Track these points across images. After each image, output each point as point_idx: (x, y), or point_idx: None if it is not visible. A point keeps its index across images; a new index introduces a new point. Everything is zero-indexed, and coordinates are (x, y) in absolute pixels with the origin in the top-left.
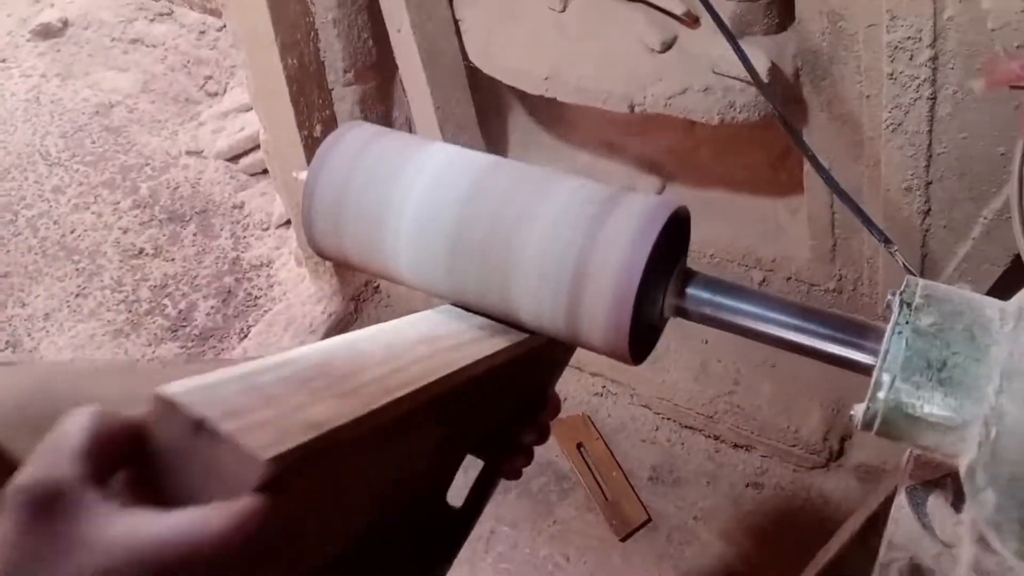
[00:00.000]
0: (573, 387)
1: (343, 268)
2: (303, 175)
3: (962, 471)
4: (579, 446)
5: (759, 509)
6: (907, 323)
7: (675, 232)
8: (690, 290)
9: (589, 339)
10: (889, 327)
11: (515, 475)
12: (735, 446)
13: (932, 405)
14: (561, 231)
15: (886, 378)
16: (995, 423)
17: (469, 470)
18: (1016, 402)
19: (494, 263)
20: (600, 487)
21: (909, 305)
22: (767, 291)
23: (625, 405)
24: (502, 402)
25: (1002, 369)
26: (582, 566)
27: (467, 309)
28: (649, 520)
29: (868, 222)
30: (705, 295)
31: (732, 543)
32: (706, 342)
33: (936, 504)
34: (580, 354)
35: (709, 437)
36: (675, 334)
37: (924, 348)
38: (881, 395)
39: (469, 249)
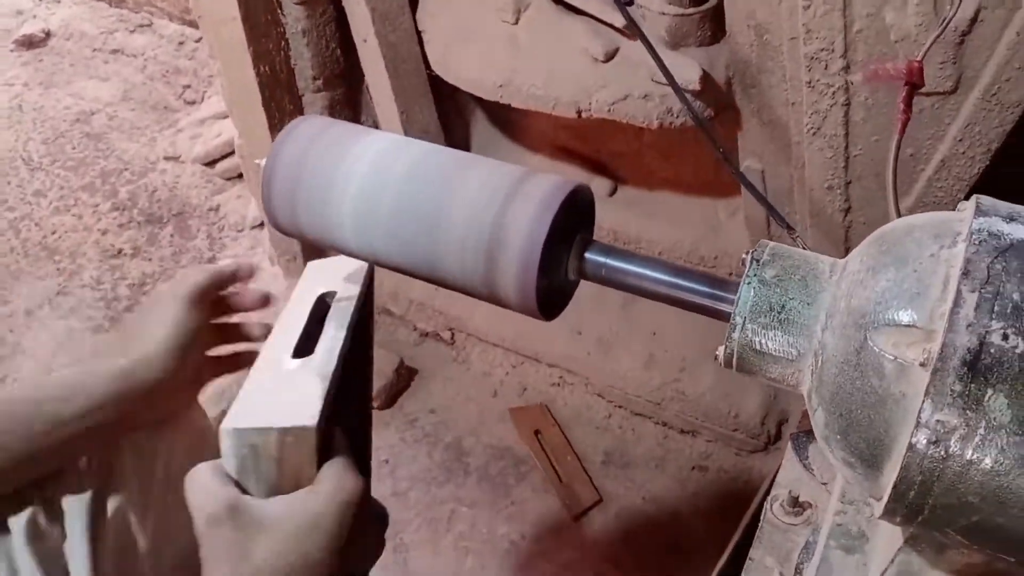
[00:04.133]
0: (532, 378)
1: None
2: (263, 161)
3: (805, 398)
4: (536, 433)
5: (703, 490)
6: (755, 275)
7: (579, 208)
8: (588, 255)
9: (504, 296)
10: (742, 279)
11: None
12: (681, 431)
13: (774, 342)
14: (480, 204)
15: (738, 320)
16: (821, 353)
17: None
18: (835, 335)
19: (426, 232)
20: (555, 470)
21: (758, 261)
22: (650, 255)
23: (580, 394)
24: None
25: (827, 310)
26: (537, 543)
27: (402, 271)
28: (600, 501)
29: (772, 210)
30: (600, 259)
31: (678, 521)
32: (654, 334)
33: (816, 450)
34: (539, 347)
35: (658, 424)
36: (625, 326)
37: (768, 295)
38: (735, 335)
39: (405, 220)
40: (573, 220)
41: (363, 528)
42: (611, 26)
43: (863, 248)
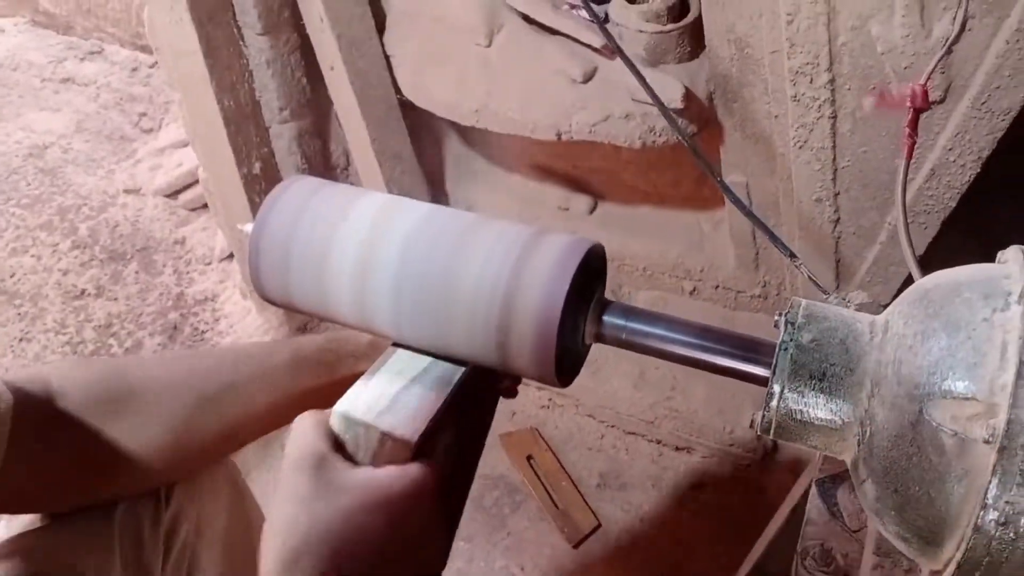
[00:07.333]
0: (520, 402)
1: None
2: (248, 227)
3: (848, 466)
4: (529, 458)
5: (702, 508)
6: (791, 340)
7: (592, 267)
8: (606, 318)
9: (519, 367)
10: (777, 344)
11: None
12: (676, 449)
13: (816, 410)
14: (489, 272)
15: (776, 388)
16: (869, 423)
17: None
18: (884, 405)
19: (432, 304)
20: (551, 497)
21: (793, 324)
22: (675, 316)
23: (571, 416)
24: None
25: (871, 376)
26: (537, 574)
27: (404, 344)
28: (599, 526)
29: (774, 239)
30: (620, 322)
31: (678, 541)
32: None
33: (844, 495)
34: None
35: (652, 442)
36: None
37: (806, 361)
38: (773, 404)
39: (408, 293)
40: (588, 281)
41: (427, 524)
42: (588, 46)
43: (905, 308)
